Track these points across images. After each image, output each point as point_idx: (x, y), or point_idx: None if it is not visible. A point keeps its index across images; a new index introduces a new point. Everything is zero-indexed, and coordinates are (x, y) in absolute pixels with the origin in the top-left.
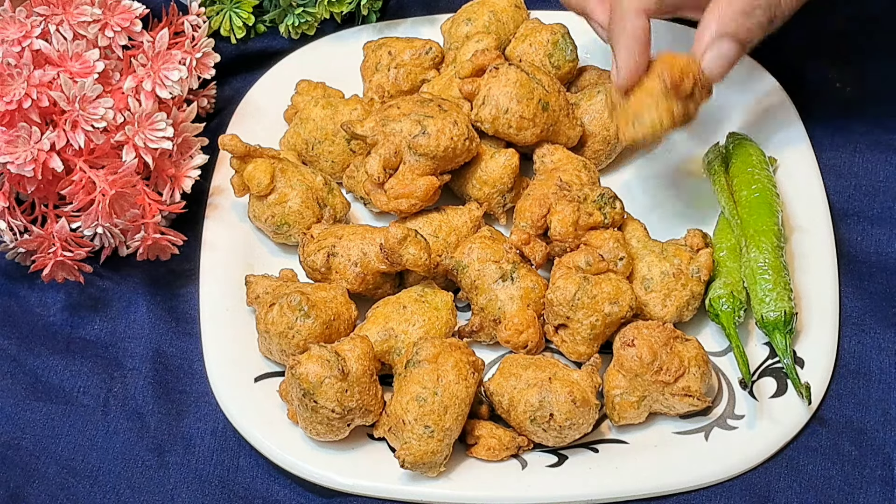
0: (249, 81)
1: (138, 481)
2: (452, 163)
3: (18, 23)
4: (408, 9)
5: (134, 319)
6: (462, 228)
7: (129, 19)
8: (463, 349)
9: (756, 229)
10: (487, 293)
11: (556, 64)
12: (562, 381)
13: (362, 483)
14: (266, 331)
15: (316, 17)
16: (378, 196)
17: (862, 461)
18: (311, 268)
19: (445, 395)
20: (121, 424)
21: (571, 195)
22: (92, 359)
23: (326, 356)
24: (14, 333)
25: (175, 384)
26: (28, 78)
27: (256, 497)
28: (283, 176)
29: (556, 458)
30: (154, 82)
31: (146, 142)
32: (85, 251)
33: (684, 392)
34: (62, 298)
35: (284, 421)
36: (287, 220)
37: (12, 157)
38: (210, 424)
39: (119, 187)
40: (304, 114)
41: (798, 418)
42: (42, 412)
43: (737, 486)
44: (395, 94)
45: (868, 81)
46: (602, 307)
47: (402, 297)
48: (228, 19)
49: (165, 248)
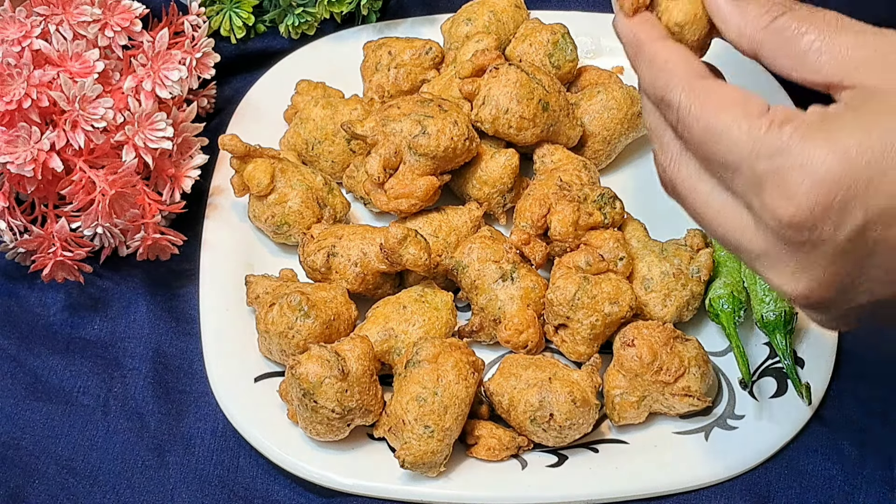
0: (249, 81)
1: (138, 481)
2: (452, 163)
3: (18, 23)
4: (408, 9)
5: (134, 319)
6: (462, 228)
7: (129, 19)
8: (463, 349)
9: None
10: (487, 293)
11: (556, 64)
12: (562, 381)
13: (362, 483)
14: (266, 331)
15: (316, 17)
16: (378, 196)
17: (862, 461)
18: (311, 268)
19: (445, 395)
20: (121, 424)
21: (571, 195)
22: (92, 359)
23: (326, 356)
24: (14, 333)
25: (175, 384)
26: (28, 78)
27: (256, 497)
28: (283, 176)
29: (556, 458)
30: (154, 82)
31: (146, 142)
32: (85, 251)
33: (684, 392)
34: (62, 298)
35: (284, 421)
36: (287, 220)
37: (12, 157)
38: (210, 424)
39: (119, 187)
40: (304, 114)
41: (798, 418)
42: (42, 412)
43: (737, 486)
44: (395, 94)
45: None
46: (602, 307)
47: (402, 297)
48: (228, 19)
49: (165, 248)
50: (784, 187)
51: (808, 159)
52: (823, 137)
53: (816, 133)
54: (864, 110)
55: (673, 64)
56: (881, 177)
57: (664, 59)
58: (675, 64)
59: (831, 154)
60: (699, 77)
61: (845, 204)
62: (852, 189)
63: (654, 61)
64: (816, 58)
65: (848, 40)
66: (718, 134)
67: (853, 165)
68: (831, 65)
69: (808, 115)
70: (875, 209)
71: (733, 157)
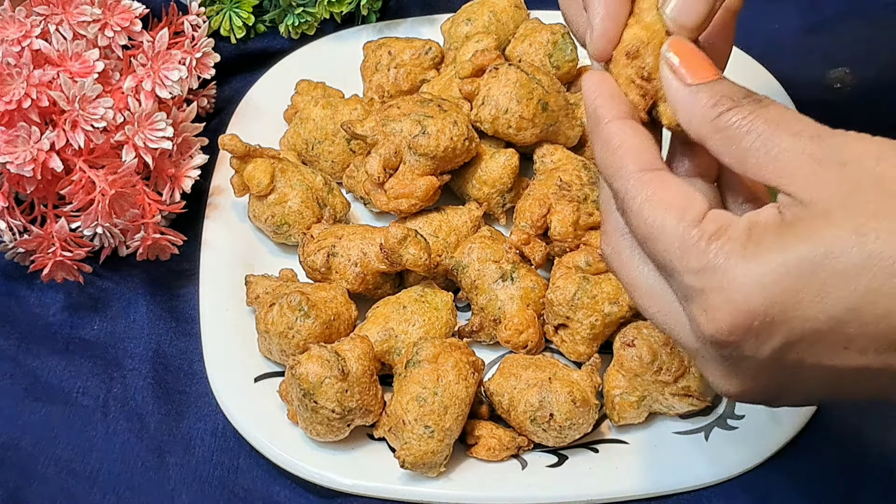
0: (249, 81)
1: (138, 481)
2: (452, 163)
3: (18, 22)
4: (408, 9)
5: (134, 319)
6: (462, 228)
7: (128, 19)
8: (463, 349)
9: None
10: (487, 293)
11: (556, 64)
12: (562, 381)
13: (362, 483)
14: (266, 331)
15: (316, 17)
16: (378, 196)
17: (862, 461)
18: (311, 268)
19: (445, 395)
20: (121, 425)
21: (571, 195)
22: (91, 359)
23: (326, 356)
24: (13, 333)
25: (175, 384)
26: (28, 78)
27: (256, 497)
28: (283, 176)
29: (556, 458)
30: (154, 82)
31: (146, 142)
32: (84, 251)
33: (684, 392)
34: (62, 298)
35: (284, 421)
36: (287, 220)
37: (12, 157)
38: (210, 425)
39: (119, 187)
40: (304, 114)
41: (798, 418)
42: (41, 413)
43: (737, 486)
44: (395, 94)
45: (868, 81)
46: (602, 307)
47: (402, 297)
48: (228, 19)
49: (165, 248)
50: (707, 307)
51: (730, 284)
52: (746, 261)
53: (740, 255)
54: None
55: (624, 151)
56: (797, 304)
57: (617, 143)
58: (626, 151)
59: (751, 281)
60: (647, 170)
61: (763, 329)
62: (770, 314)
63: (608, 144)
64: (756, 160)
65: (784, 143)
66: (655, 236)
67: (771, 294)
68: (768, 169)
69: (738, 230)
70: (793, 333)
71: (667, 261)
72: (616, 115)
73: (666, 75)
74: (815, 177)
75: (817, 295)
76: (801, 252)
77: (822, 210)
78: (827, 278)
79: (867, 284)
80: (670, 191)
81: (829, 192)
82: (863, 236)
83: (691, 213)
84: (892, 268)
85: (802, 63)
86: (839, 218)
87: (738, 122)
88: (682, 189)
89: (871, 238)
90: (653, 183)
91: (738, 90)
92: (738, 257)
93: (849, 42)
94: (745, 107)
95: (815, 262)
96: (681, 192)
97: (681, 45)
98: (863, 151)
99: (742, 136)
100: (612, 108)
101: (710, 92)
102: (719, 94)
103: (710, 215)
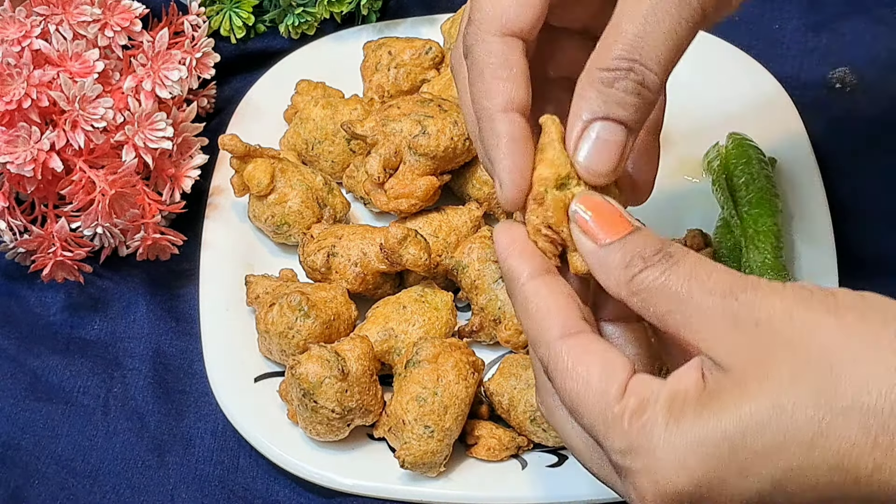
0: (249, 81)
1: (138, 481)
2: (452, 163)
3: (18, 22)
4: (408, 9)
5: (134, 319)
6: (462, 228)
7: (128, 19)
8: (463, 349)
9: (756, 229)
10: (487, 293)
11: None
12: None
13: (362, 483)
14: (266, 331)
15: (316, 17)
16: (378, 196)
17: None
18: (311, 268)
19: (445, 395)
20: (121, 424)
21: None
22: (92, 359)
23: (326, 356)
24: (14, 333)
25: (175, 384)
26: (28, 78)
27: (256, 497)
28: (283, 176)
29: (556, 458)
30: (154, 82)
31: (146, 142)
32: (85, 251)
33: None
34: (62, 298)
35: (284, 421)
36: (287, 220)
37: (12, 157)
38: (210, 424)
39: (119, 187)
40: (304, 114)
41: None
42: (42, 412)
43: None
44: (395, 94)
45: (868, 81)
46: None
47: (402, 297)
48: (228, 19)
49: (165, 248)
50: (636, 487)
51: (655, 465)
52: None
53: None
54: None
55: (542, 316)
56: (722, 483)
57: (534, 308)
58: (543, 316)
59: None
60: (567, 335)
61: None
62: (698, 494)
63: (525, 309)
64: (674, 322)
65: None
66: (580, 412)
67: (694, 476)
68: (687, 331)
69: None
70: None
71: (594, 436)
72: (530, 275)
73: (577, 234)
74: (730, 340)
75: (740, 473)
76: (720, 430)
77: (738, 378)
78: (747, 457)
79: (786, 463)
80: (591, 359)
81: (745, 357)
82: (779, 410)
83: (613, 386)
84: (812, 441)
85: (803, 63)
86: (755, 390)
87: (650, 284)
88: (604, 357)
89: (787, 413)
90: (573, 352)
91: (651, 244)
92: (658, 437)
93: (850, 42)
94: (657, 266)
95: (734, 441)
96: (601, 360)
97: (589, 201)
98: (774, 310)
99: (657, 299)
100: (524, 267)
101: (622, 251)
102: (630, 254)
103: (632, 386)
